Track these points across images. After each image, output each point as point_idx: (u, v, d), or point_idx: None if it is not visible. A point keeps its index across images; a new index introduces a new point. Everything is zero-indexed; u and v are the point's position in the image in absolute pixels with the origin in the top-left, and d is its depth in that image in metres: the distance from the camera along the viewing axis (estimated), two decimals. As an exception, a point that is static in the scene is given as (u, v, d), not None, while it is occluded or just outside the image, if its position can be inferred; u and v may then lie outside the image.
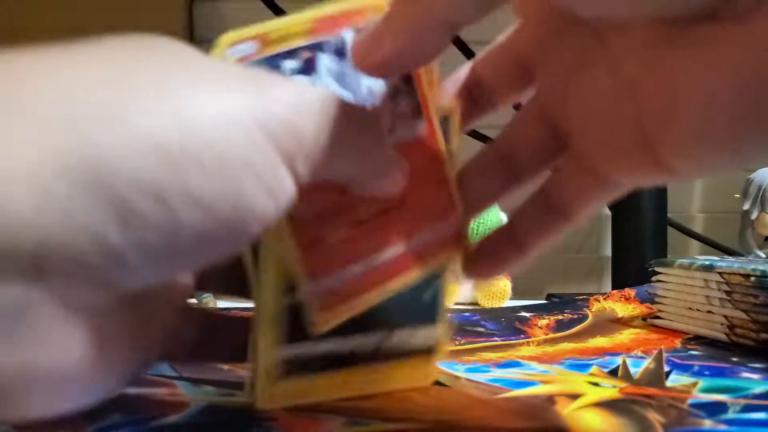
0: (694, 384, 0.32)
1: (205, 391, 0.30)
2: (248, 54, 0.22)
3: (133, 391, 0.29)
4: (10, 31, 0.87)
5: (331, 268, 0.22)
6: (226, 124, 0.17)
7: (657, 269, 0.49)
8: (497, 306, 0.64)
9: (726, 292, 0.42)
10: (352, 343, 0.27)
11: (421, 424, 0.26)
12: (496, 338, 0.44)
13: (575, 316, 0.52)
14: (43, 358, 0.17)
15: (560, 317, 0.52)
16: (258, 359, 0.24)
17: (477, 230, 0.63)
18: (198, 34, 0.91)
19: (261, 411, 0.27)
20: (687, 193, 0.93)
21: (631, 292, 0.58)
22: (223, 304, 0.63)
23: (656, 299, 0.49)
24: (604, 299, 0.58)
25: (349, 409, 0.27)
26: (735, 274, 0.41)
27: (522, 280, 0.70)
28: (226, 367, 0.34)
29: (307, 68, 0.22)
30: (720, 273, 0.43)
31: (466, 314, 0.56)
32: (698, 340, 0.43)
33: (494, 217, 0.64)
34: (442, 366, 0.35)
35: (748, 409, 0.28)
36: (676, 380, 0.33)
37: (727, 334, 0.42)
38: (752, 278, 0.40)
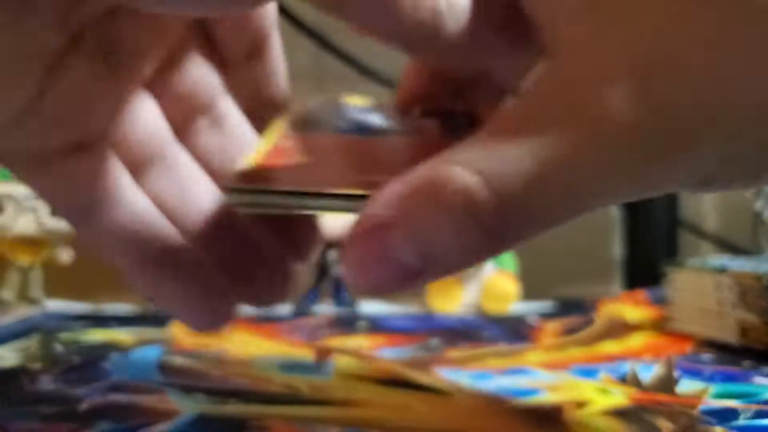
0: (705, 390, 0.31)
1: (196, 399, 0.29)
2: None
3: (121, 398, 0.29)
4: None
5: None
6: None
7: (668, 271, 0.48)
8: (503, 309, 0.64)
9: (738, 294, 0.42)
10: None
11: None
12: (501, 344, 0.43)
13: (583, 320, 0.52)
14: None
15: (568, 321, 0.51)
16: None
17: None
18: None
19: (254, 420, 0.26)
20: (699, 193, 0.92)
21: (641, 294, 0.58)
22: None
23: (667, 302, 0.48)
24: (614, 302, 0.57)
25: (346, 419, 0.27)
26: (747, 275, 0.41)
27: (529, 282, 0.69)
28: (218, 374, 0.34)
29: None
30: (732, 275, 0.42)
31: (471, 319, 0.55)
32: (709, 344, 0.42)
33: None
34: (445, 373, 0.34)
35: (759, 414, 0.28)
36: (686, 386, 0.32)
37: (739, 338, 0.41)
38: (765, 280, 0.39)
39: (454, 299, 0.65)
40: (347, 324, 0.50)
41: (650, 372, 0.35)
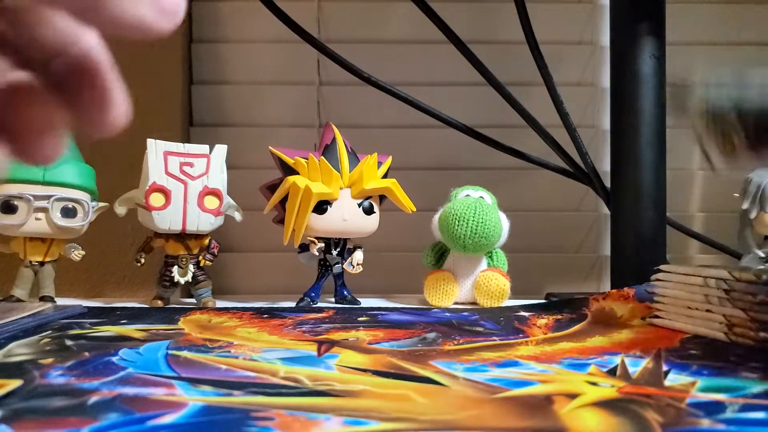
0: (693, 383, 0.32)
1: (203, 391, 0.30)
2: None
3: (130, 390, 0.30)
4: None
5: None
6: None
7: (656, 269, 0.49)
8: (496, 305, 0.64)
9: (725, 290, 0.42)
10: None
11: (420, 424, 0.26)
12: (494, 338, 0.44)
13: (574, 316, 0.52)
14: None
15: (559, 317, 0.52)
16: None
17: (476, 230, 0.63)
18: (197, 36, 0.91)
19: (258, 411, 0.27)
20: (686, 193, 0.93)
21: (630, 291, 0.58)
22: (222, 303, 0.63)
23: (655, 298, 0.49)
24: (603, 299, 0.58)
25: (347, 409, 0.28)
26: (733, 273, 0.41)
27: (521, 279, 0.70)
28: (224, 367, 0.34)
29: None
30: (718, 272, 0.43)
31: (465, 314, 0.56)
32: (697, 339, 0.43)
33: (494, 216, 0.64)
34: (441, 365, 0.35)
35: (746, 408, 0.28)
36: (674, 380, 0.33)
37: (726, 333, 0.42)
38: (750, 277, 0.40)
39: (449, 295, 0.66)
40: (348, 319, 0.51)
41: (639, 365, 0.35)
